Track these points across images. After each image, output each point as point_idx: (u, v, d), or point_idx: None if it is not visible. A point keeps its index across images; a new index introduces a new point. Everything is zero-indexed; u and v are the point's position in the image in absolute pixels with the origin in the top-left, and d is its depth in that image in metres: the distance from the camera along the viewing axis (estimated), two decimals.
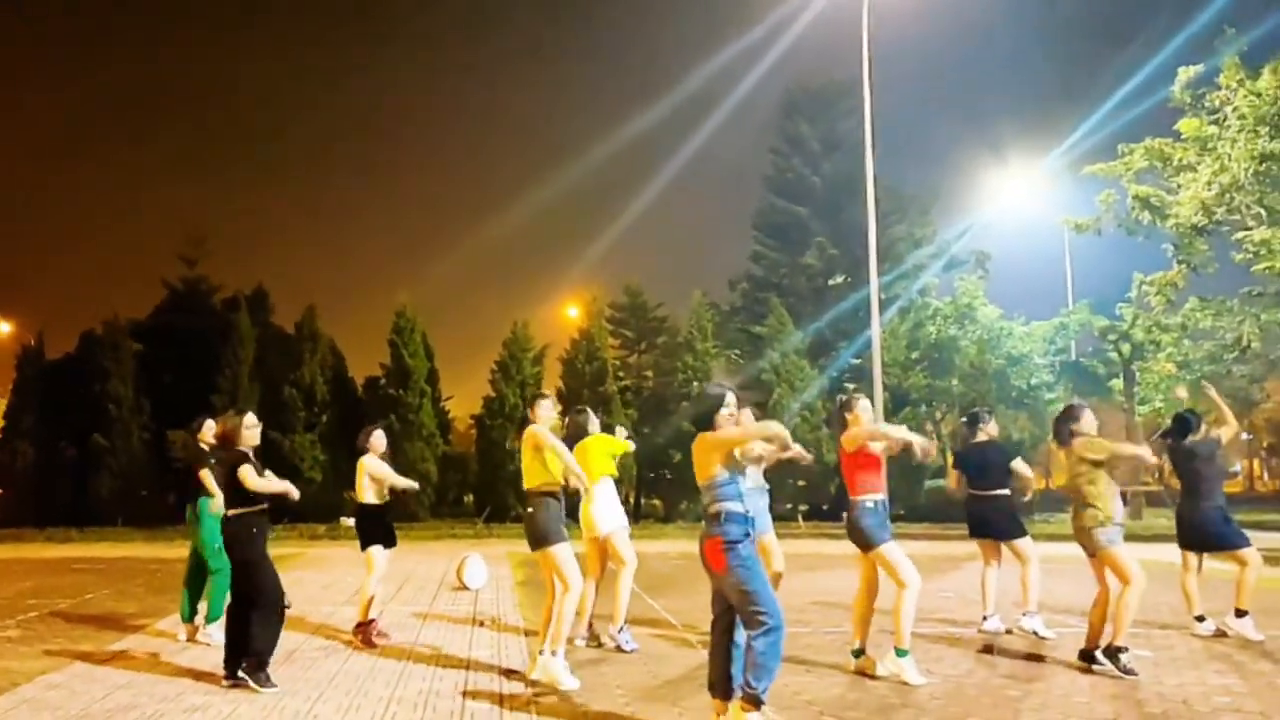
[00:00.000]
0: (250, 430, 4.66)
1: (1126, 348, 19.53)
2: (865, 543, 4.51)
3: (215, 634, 5.39)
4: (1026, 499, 6.21)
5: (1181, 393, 5.42)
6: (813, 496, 19.55)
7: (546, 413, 4.74)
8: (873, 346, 17.92)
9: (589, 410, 5.54)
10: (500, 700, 4.20)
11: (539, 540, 4.58)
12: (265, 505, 4.58)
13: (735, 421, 3.68)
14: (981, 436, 5.89)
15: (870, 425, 4.57)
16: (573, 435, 5.29)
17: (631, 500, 20.75)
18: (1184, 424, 5.84)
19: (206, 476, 5.47)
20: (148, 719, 3.91)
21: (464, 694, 4.32)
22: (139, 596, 7.75)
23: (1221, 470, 5.73)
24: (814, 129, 25.05)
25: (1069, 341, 21.59)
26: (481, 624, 6.15)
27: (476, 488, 21.13)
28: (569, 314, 24.64)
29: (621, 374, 23.14)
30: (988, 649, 5.25)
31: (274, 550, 5.29)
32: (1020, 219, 24.47)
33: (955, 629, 5.84)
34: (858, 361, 21.56)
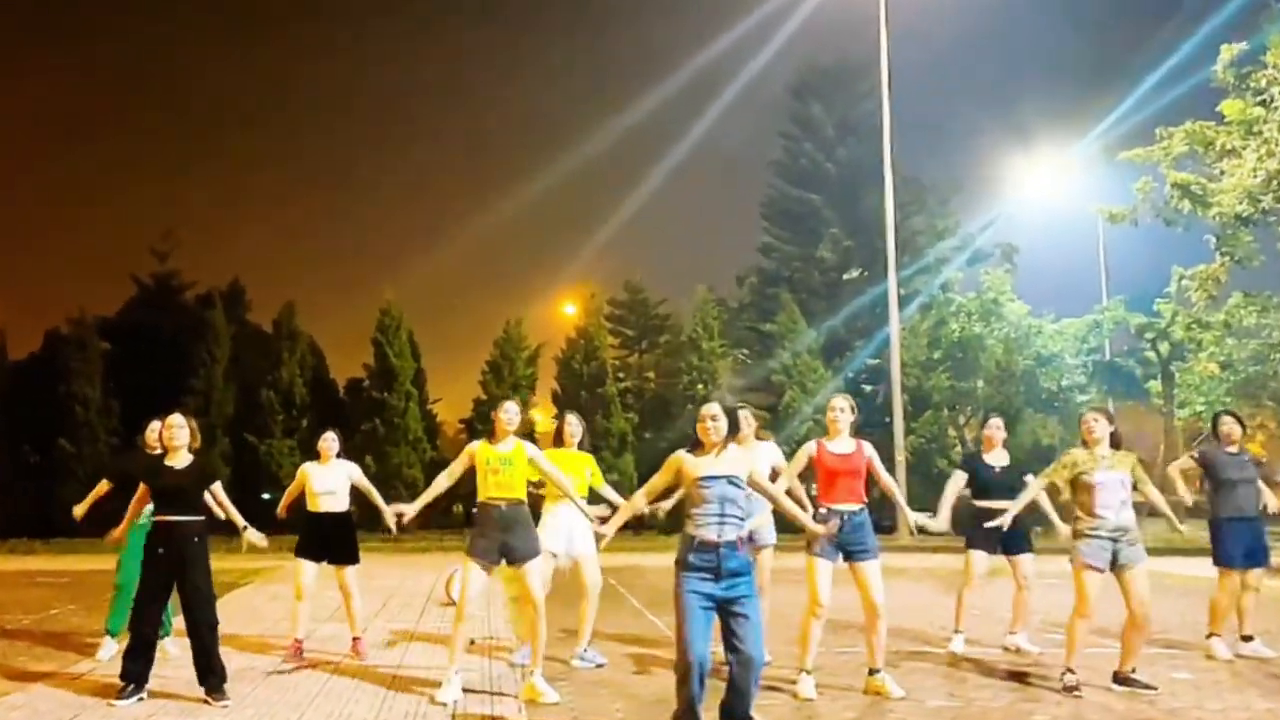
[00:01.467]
0: (169, 431, 4.75)
1: (1165, 347, 19.49)
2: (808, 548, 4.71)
3: (170, 648, 5.42)
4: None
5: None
6: None
7: (510, 416, 4.73)
8: (891, 345, 17.89)
9: (569, 416, 5.56)
10: None
11: None
12: (156, 515, 4.69)
13: (710, 433, 3.76)
14: None
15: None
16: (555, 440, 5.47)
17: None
18: (1216, 425, 5.87)
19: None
20: None
21: (453, 717, 4.33)
22: (107, 612, 7.75)
23: (1237, 482, 5.55)
24: (828, 112, 24.93)
25: (1103, 340, 21.53)
26: (472, 641, 6.16)
27: (466, 497, 21.10)
28: (565, 311, 24.67)
29: (621, 375, 23.14)
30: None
31: (255, 564, 5.27)
32: (1050, 209, 24.32)
33: (979, 649, 5.83)
34: (875, 361, 21.51)
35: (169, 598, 4.73)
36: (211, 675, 4.56)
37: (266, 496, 18.38)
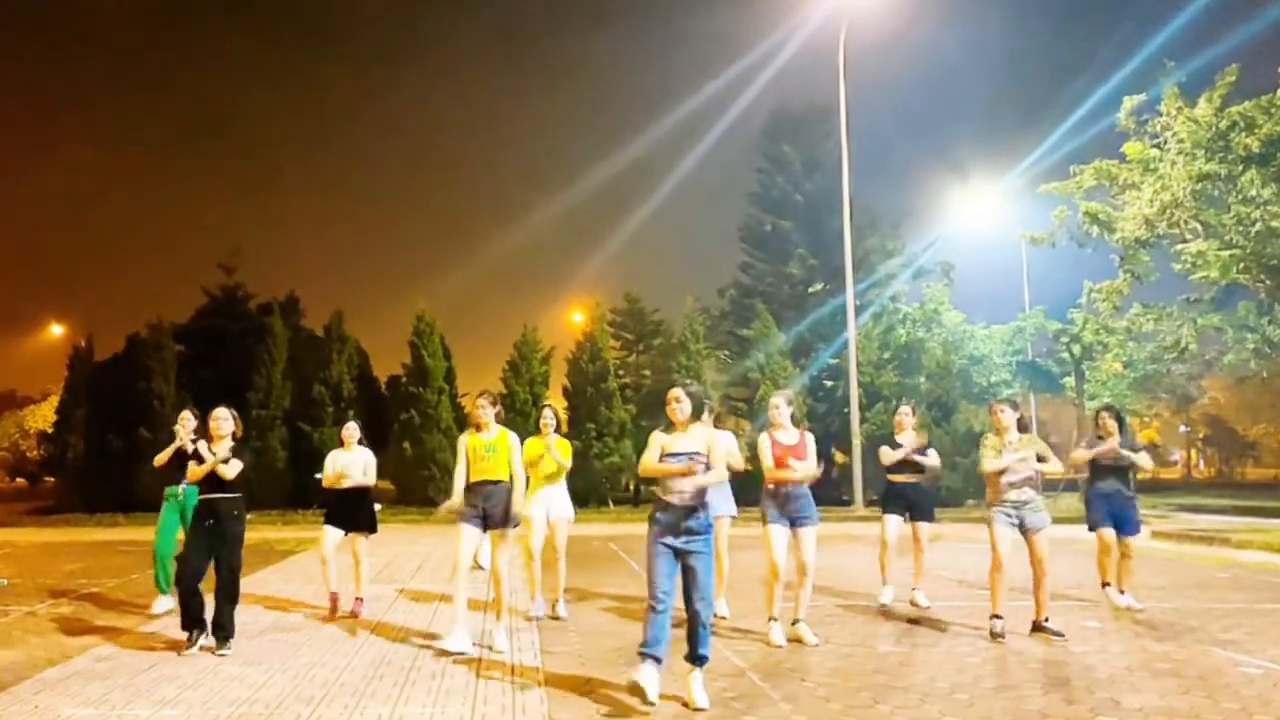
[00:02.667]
0: (214, 422, 4.79)
1: (1077, 349, 19.61)
2: (762, 518, 4.76)
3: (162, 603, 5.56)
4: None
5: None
6: None
7: (484, 412, 4.70)
8: (849, 348, 17.97)
9: (545, 410, 5.56)
10: (511, 671, 4.22)
11: None
12: (201, 493, 4.67)
13: (675, 413, 3.85)
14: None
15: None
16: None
17: (633, 489, 20.76)
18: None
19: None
20: (189, 686, 3.92)
21: (479, 663, 4.34)
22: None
23: (1108, 466, 5.68)
24: (796, 150, 25.01)
25: (1025, 343, 21.66)
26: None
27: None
28: (574, 319, 24.65)
29: (622, 372, 23.08)
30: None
31: (309, 534, 5.25)
32: (982, 233, 24.59)
33: (953, 601, 5.85)
34: (835, 361, 21.58)
35: (209, 562, 4.65)
36: (220, 630, 4.53)
37: (318, 476, 18.28)
